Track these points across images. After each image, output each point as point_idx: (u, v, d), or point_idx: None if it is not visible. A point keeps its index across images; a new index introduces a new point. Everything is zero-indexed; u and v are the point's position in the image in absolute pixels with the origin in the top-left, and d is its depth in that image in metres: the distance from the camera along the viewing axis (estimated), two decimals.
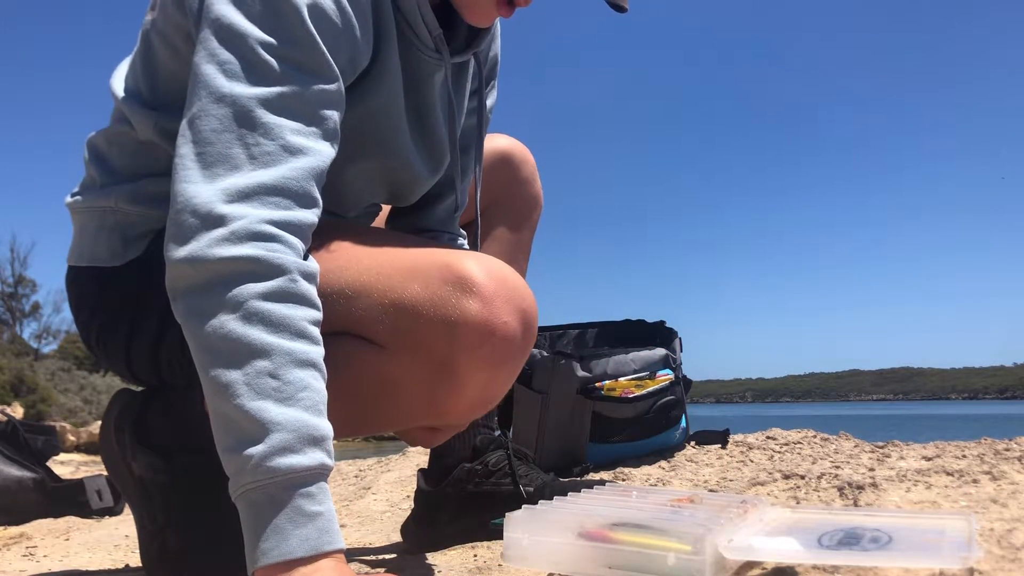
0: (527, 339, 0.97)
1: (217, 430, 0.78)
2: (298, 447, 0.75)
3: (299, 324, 0.79)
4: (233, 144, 0.82)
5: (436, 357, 0.93)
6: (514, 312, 0.94)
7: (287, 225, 0.81)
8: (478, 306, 0.92)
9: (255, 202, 0.80)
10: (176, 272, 0.80)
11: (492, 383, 0.97)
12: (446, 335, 0.92)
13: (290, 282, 0.80)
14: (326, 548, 0.74)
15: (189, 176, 0.81)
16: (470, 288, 0.92)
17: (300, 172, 0.83)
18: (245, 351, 0.76)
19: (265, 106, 0.83)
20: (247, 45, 0.84)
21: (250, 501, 0.75)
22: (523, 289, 0.97)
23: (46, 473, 2.39)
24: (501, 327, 0.93)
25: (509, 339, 0.94)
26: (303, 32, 0.86)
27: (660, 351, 1.97)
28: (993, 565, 0.85)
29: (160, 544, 1.06)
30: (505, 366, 0.96)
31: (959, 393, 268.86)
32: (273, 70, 0.84)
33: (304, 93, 0.86)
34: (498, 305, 0.93)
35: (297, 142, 0.84)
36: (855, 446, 1.88)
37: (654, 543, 0.87)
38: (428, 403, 0.97)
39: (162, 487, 1.05)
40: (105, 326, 1.09)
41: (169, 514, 1.05)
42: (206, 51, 0.84)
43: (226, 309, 0.77)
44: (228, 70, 0.83)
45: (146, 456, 1.06)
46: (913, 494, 1.17)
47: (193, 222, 0.79)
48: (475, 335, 0.92)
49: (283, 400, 0.75)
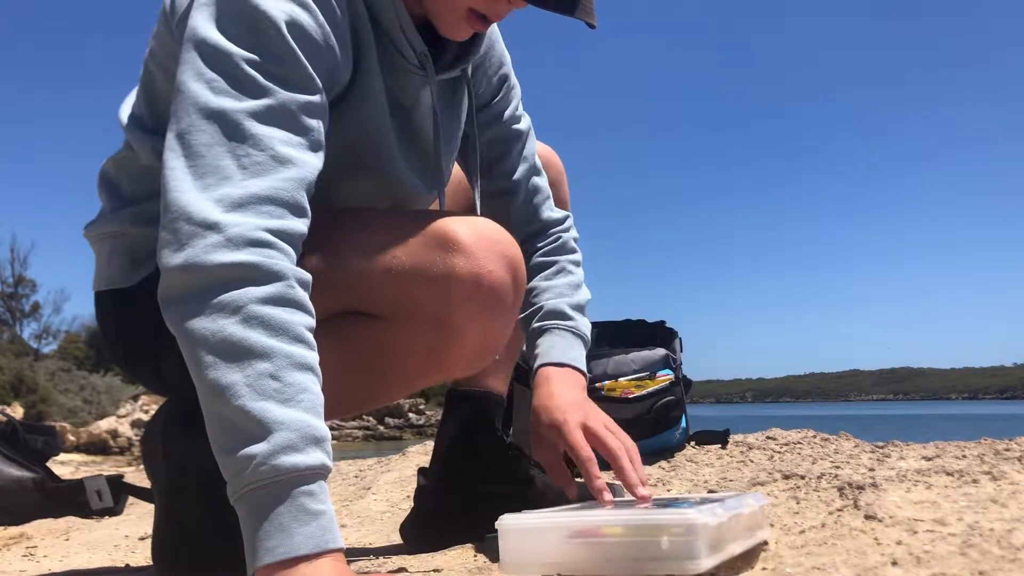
0: (517, 285, 1.03)
1: (214, 431, 0.78)
2: (301, 446, 0.76)
3: (297, 329, 0.80)
4: (224, 156, 0.83)
5: (431, 316, 0.99)
6: (498, 260, 0.99)
7: (280, 233, 0.83)
8: (463, 261, 0.97)
9: (249, 211, 0.82)
10: (171, 279, 0.81)
11: (488, 332, 1.03)
12: (437, 293, 0.97)
13: (288, 288, 0.81)
14: (329, 546, 0.75)
15: (181, 187, 0.82)
16: (453, 245, 0.98)
17: (290, 182, 0.85)
18: (245, 353, 0.77)
19: (253, 118, 0.85)
20: (232, 62, 0.86)
21: (252, 500, 0.75)
22: (506, 239, 1.02)
23: (46, 473, 2.39)
24: (488, 276, 0.98)
25: (497, 287, 0.99)
26: (284, 47, 0.88)
27: (660, 351, 1.98)
28: (993, 565, 0.85)
29: (178, 530, 1.06)
30: (498, 313, 1.02)
31: (959, 393, 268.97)
32: (258, 84, 0.86)
33: (289, 105, 0.88)
34: (482, 256, 0.98)
35: (286, 152, 0.86)
36: (855, 446, 1.88)
37: (647, 529, 0.88)
38: (431, 362, 1.03)
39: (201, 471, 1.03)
40: (130, 345, 1.13)
41: (200, 500, 1.03)
42: (192, 70, 0.87)
43: (225, 313, 0.78)
44: (215, 87, 0.85)
45: (194, 436, 1.04)
46: (913, 494, 1.17)
47: (188, 229, 0.80)
48: (464, 288, 0.97)
49: (285, 401, 0.76)
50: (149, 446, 1.11)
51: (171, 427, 1.08)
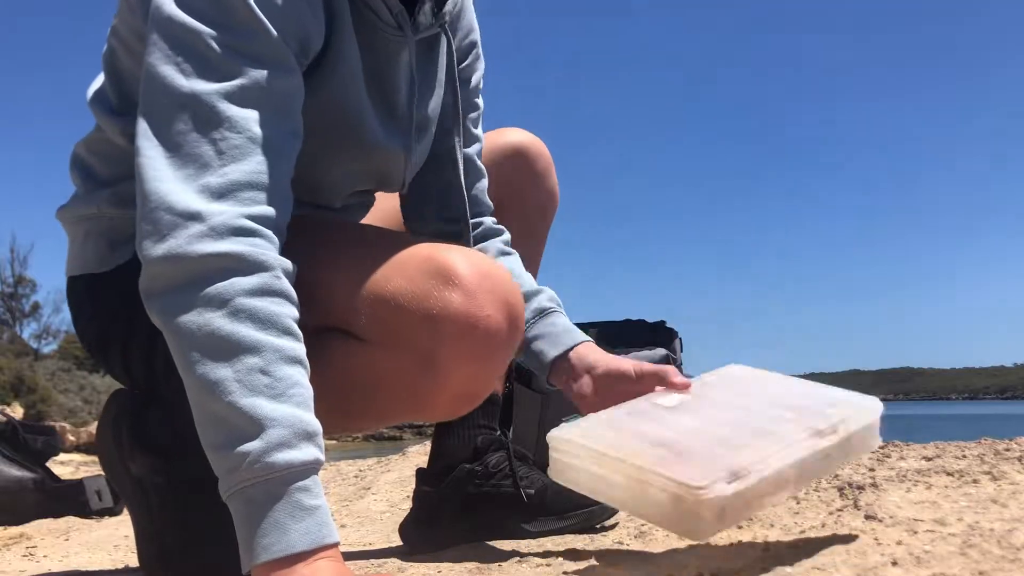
0: (512, 333, 0.96)
1: (204, 428, 0.77)
2: (294, 442, 0.75)
3: (285, 321, 0.79)
4: (201, 142, 0.81)
5: (418, 351, 0.92)
6: (498, 304, 0.93)
7: (264, 220, 0.81)
8: (460, 298, 0.91)
9: (230, 198, 0.80)
10: (153, 270, 0.79)
11: (475, 378, 0.96)
12: (428, 328, 0.91)
13: (274, 279, 0.80)
14: (326, 541, 0.75)
15: (159, 176, 0.80)
16: (452, 280, 0.91)
17: (270, 165, 0.83)
18: (234, 348, 0.76)
19: (227, 100, 0.82)
20: (201, 41, 0.83)
21: (246, 497, 0.75)
22: (508, 283, 0.96)
23: (46, 473, 2.40)
24: (484, 320, 0.92)
25: (492, 333, 0.92)
26: (253, 21, 0.85)
27: (660, 351, 1.97)
28: (993, 565, 0.85)
29: (159, 545, 1.06)
30: (489, 360, 0.95)
31: (959, 393, 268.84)
32: (229, 64, 0.83)
33: (263, 83, 0.85)
34: (481, 297, 0.92)
35: (263, 132, 0.83)
36: None
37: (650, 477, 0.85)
38: (411, 398, 0.96)
39: (160, 488, 1.05)
40: (101, 331, 1.09)
41: (167, 514, 1.05)
42: (160, 52, 0.83)
43: (211, 306, 0.77)
44: (185, 68, 0.83)
45: (144, 456, 1.05)
46: (913, 494, 1.17)
47: (169, 219, 0.79)
48: (457, 328, 0.91)
49: (275, 396, 0.76)
50: (108, 463, 1.10)
51: (123, 447, 1.07)
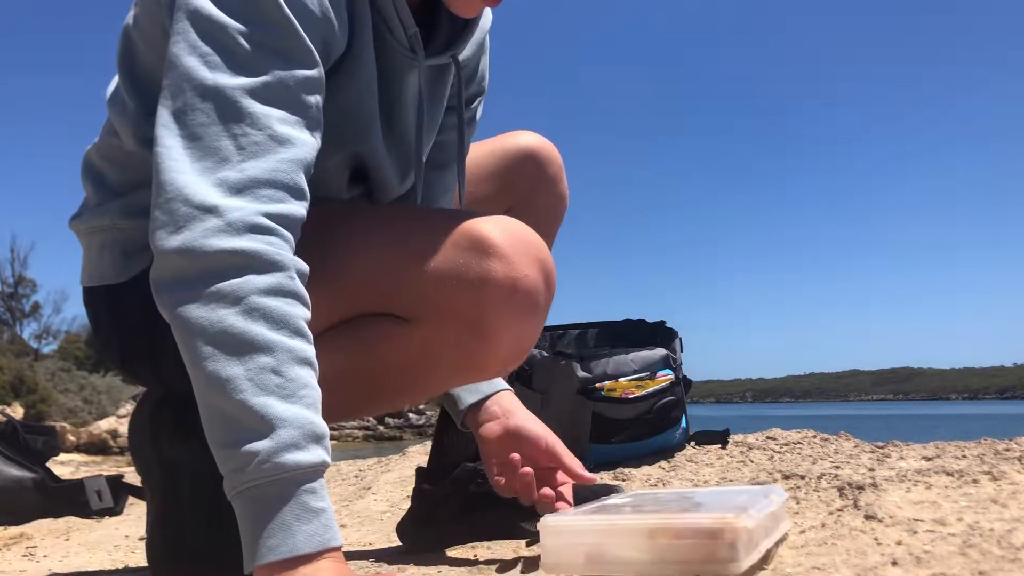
0: (549, 288, 1.02)
1: (211, 424, 0.77)
2: (304, 444, 0.75)
3: (297, 322, 0.79)
4: (221, 136, 0.81)
5: (465, 320, 0.97)
6: (533, 264, 0.99)
7: (281, 218, 0.81)
8: (500, 265, 0.96)
9: (248, 195, 0.80)
10: (166, 261, 0.79)
11: (522, 335, 1.02)
12: (473, 297, 0.96)
13: (288, 279, 0.80)
14: (330, 544, 0.75)
15: (178, 167, 0.80)
16: (489, 249, 0.96)
17: (289, 163, 0.83)
18: (247, 346, 0.76)
19: (251, 96, 0.83)
20: (228, 35, 0.83)
21: (253, 497, 0.74)
22: (538, 241, 1.01)
23: (46, 473, 2.39)
24: (524, 280, 0.97)
25: (533, 291, 0.99)
26: (281, 18, 0.85)
27: (660, 351, 1.98)
28: (993, 565, 0.85)
29: (177, 534, 1.06)
30: (532, 316, 1.01)
31: (959, 393, 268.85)
32: (255, 59, 0.84)
33: (287, 82, 0.85)
34: (518, 260, 0.97)
35: (284, 131, 0.84)
36: (855, 446, 1.88)
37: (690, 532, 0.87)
38: (465, 364, 1.02)
39: (196, 475, 1.03)
40: (125, 343, 1.09)
41: (197, 504, 1.03)
42: (186, 43, 0.83)
43: (225, 302, 0.76)
44: (210, 61, 0.82)
45: (188, 440, 1.04)
46: (913, 494, 1.17)
47: (186, 211, 0.78)
48: (501, 292, 0.96)
49: (286, 397, 0.76)
50: (139, 444, 1.10)
51: (162, 427, 1.07)
